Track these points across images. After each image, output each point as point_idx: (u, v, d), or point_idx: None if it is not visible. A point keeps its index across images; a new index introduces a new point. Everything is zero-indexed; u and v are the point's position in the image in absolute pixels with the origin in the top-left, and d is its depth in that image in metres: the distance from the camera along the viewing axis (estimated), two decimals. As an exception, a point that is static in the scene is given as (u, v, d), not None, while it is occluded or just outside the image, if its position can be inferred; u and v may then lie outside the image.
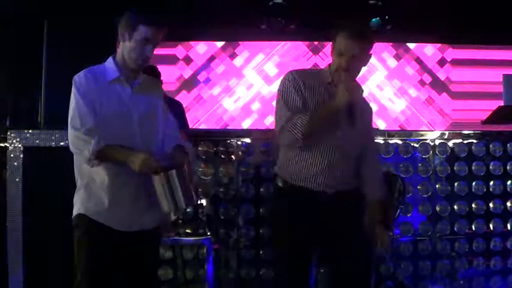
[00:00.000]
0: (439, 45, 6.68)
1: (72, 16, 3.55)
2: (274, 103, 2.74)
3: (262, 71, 6.59)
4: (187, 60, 6.54)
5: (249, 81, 6.60)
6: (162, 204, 2.41)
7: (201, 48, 6.55)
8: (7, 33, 4.17)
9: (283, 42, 6.57)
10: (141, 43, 2.52)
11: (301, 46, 6.60)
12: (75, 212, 2.59)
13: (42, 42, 3.49)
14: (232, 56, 6.58)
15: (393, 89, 6.65)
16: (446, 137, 4.12)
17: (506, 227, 4.14)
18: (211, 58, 6.54)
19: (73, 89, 2.54)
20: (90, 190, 2.55)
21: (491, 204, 4.14)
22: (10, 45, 4.19)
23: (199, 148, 3.91)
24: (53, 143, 3.47)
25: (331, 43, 2.62)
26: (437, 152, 4.10)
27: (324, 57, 6.50)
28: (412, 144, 4.11)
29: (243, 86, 6.59)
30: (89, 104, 2.50)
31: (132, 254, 2.58)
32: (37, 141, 3.46)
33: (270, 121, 6.24)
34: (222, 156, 3.92)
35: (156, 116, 2.66)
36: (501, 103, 4.01)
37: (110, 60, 2.62)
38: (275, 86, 5.20)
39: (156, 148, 2.59)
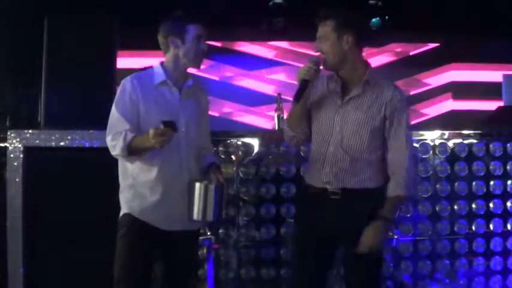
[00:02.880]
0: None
1: (73, 15, 3.55)
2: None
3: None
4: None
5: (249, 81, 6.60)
6: (193, 210, 2.53)
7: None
8: (7, 33, 4.17)
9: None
10: (196, 41, 2.57)
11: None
12: (121, 212, 2.63)
13: (42, 42, 3.48)
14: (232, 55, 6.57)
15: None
16: (446, 137, 4.11)
17: (506, 227, 4.13)
18: (212, 58, 6.53)
19: (117, 93, 2.60)
20: (134, 189, 2.58)
21: (491, 204, 4.13)
22: (10, 44, 4.19)
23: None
24: (53, 143, 3.47)
25: None
26: (437, 152, 4.09)
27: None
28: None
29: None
30: (126, 110, 2.53)
31: (171, 253, 2.63)
32: (37, 141, 3.45)
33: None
34: (222, 156, 3.91)
35: (200, 122, 2.70)
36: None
37: (158, 65, 2.66)
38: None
39: (196, 152, 2.65)
